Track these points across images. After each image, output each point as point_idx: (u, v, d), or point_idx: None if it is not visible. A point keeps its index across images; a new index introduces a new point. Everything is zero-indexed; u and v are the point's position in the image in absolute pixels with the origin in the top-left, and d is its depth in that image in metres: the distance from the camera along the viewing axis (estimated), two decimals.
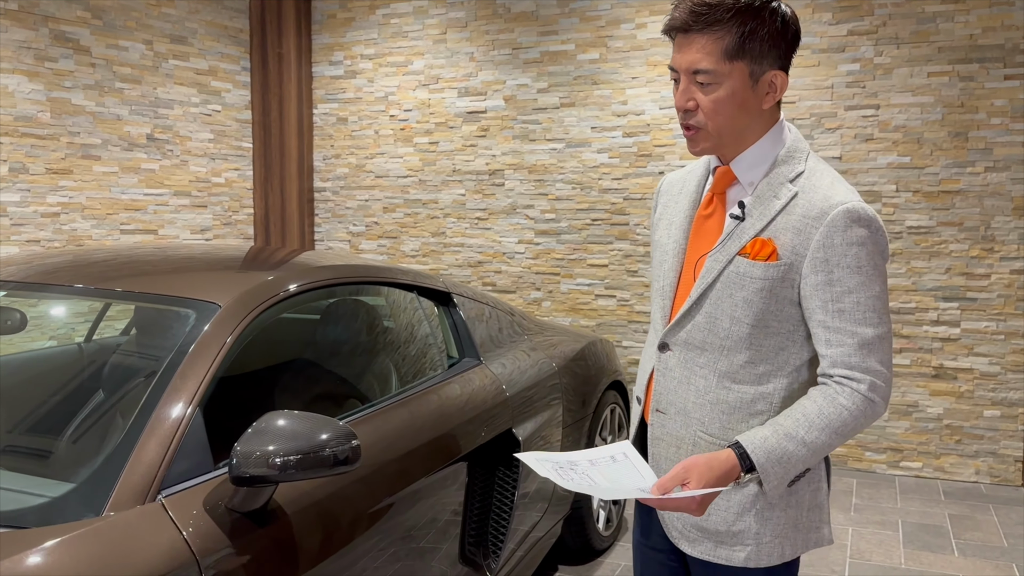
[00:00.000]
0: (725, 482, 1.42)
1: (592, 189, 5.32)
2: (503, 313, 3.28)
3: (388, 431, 2.24)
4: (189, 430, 1.73)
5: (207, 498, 1.66)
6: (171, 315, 2.05)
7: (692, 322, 1.56)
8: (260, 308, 2.06)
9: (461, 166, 5.63)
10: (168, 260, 2.37)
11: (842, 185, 1.49)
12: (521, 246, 5.52)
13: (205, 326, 1.93)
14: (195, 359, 1.84)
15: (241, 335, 1.97)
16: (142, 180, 5.40)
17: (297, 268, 2.35)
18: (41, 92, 4.89)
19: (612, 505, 3.72)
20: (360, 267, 2.60)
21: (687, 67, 1.48)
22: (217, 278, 2.17)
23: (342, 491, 1.96)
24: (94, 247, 2.60)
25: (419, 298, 2.82)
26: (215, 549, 1.58)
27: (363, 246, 5.97)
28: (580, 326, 5.40)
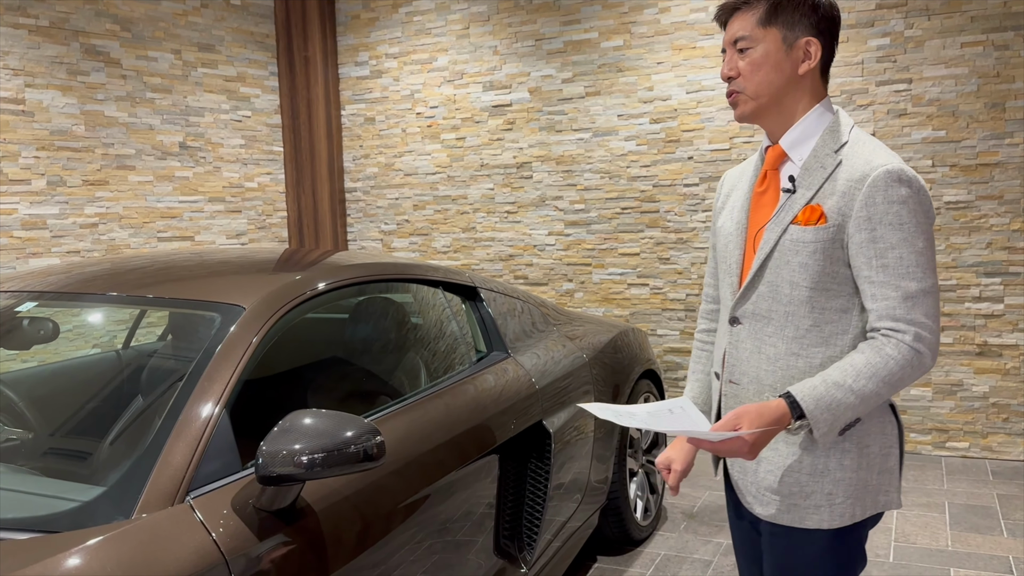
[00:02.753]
0: (775, 428, 1.49)
1: (621, 178, 5.28)
2: (532, 305, 3.27)
3: (417, 426, 2.25)
4: (216, 431, 1.76)
5: (235, 498, 1.68)
6: (198, 319, 2.08)
7: (756, 292, 1.64)
8: (284, 309, 2.08)
9: (489, 160, 5.63)
10: (201, 265, 2.41)
11: (884, 151, 1.57)
12: (551, 238, 5.51)
13: (230, 329, 1.95)
14: (221, 361, 1.87)
15: (266, 336, 1.99)
16: (176, 188, 5.50)
17: (322, 268, 2.37)
18: (75, 106, 5.00)
19: (650, 495, 3.70)
20: (385, 265, 2.62)
21: (729, 39, 1.64)
22: (244, 281, 2.20)
23: (372, 487, 1.98)
24: (131, 255, 2.66)
25: (445, 293, 2.83)
26: (244, 548, 1.60)
27: (395, 244, 6.00)
28: (613, 316, 5.37)
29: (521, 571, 2.60)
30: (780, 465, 1.63)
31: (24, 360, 2.85)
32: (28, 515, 1.56)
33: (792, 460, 1.61)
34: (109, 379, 2.47)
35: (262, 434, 1.70)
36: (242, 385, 2.16)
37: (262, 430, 1.75)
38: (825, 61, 1.64)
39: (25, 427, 2.21)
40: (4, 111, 4.70)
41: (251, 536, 1.64)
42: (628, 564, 3.41)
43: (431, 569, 2.15)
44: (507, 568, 2.56)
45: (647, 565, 3.40)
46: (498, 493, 2.58)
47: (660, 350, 5.27)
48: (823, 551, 1.63)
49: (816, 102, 1.63)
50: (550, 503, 2.75)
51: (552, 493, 2.76)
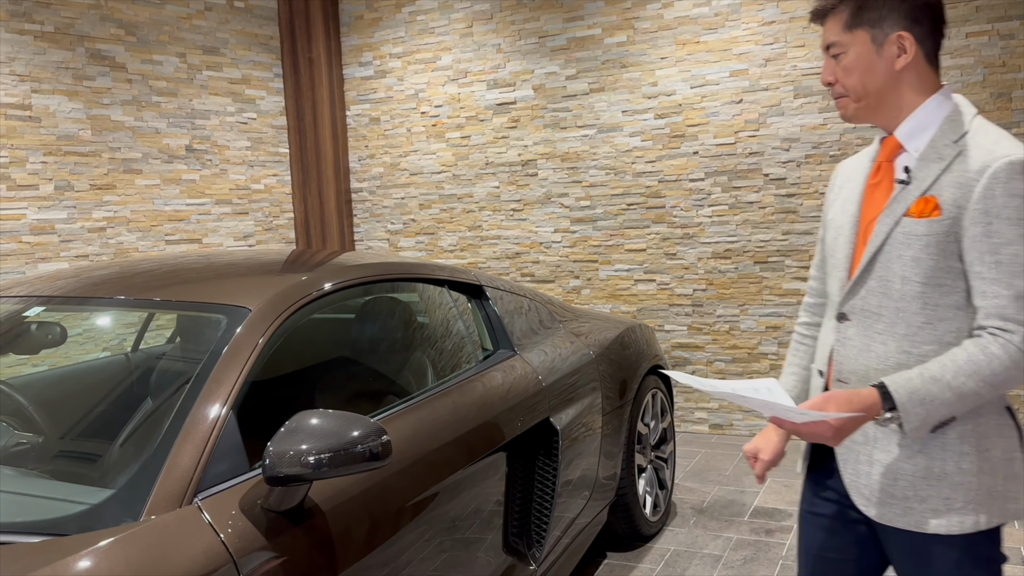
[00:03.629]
0: (863, 417, 1.44)
1: (626, 174, 5.28)
2: (538, 303, 3.28)
3: (425, 424, 2.26)
4: (223, 433, 1.77)
5: (243, 499, 1.69)
6: (205, 321, 2.10)
7: (865, 287, 1.59)
8: (290, 310, 2.09)
9: (494, 158, 5.64)
10: (208, 267, 2.42)
11: (1008, 140, 1.50)
12: (558, 235, 5.51)
13: (236, 330, 1.96)
14: (227, 363, 1.88)
15: (272, 337, 2.00)
16: (184, 191, 5.52)
17: (328, 269, 2.38)
18: (81, 110, 5.02)
19: (659, 490, 3.70)
20: (391, 265, 2.63)
21: (823, 45, 1.63)
22: (250, 283, 2.21)
23: (380, 485, 1.99)
24: (139, 259, 2.67)
25: (451, 292, 2.83)
26: (252, 549, 1.61)
27: (402, 243, 6.01)
28: (620, 312, 5.37)
29: (530, 568, 2.61)
30: (894, 467, 1.56)
31: (34, 364, 2.87)
32: (37, 518, 1.57)
33: (907, 462, 1.55)
34: (117, 382, 2.48)
35: (270, 435, 1.71)
36: (250, 386, 2.17)
37: (270, 431, 1.76)
38: (929, 49, 1.57)
39: (34, 431, 2.22)
40: (11, 117, 4.73)
41: (259, 536, 1.65)
42: (638, 560, 3.42)
43: (440, 567, 2.16)
44: (516, 565, 2.56)
45: (657, 561, 3.40)
46: (506, 491, 2.58)
47: (668, 345, 5.27)
48: (953, 560, 1.55)
49: (928, 93, 1.57)
50: (558, 500, 2.76)
51: (560, 490, 2.77)
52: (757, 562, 3.34)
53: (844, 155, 4.72)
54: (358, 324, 2.76)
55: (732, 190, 5.01)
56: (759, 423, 5.10)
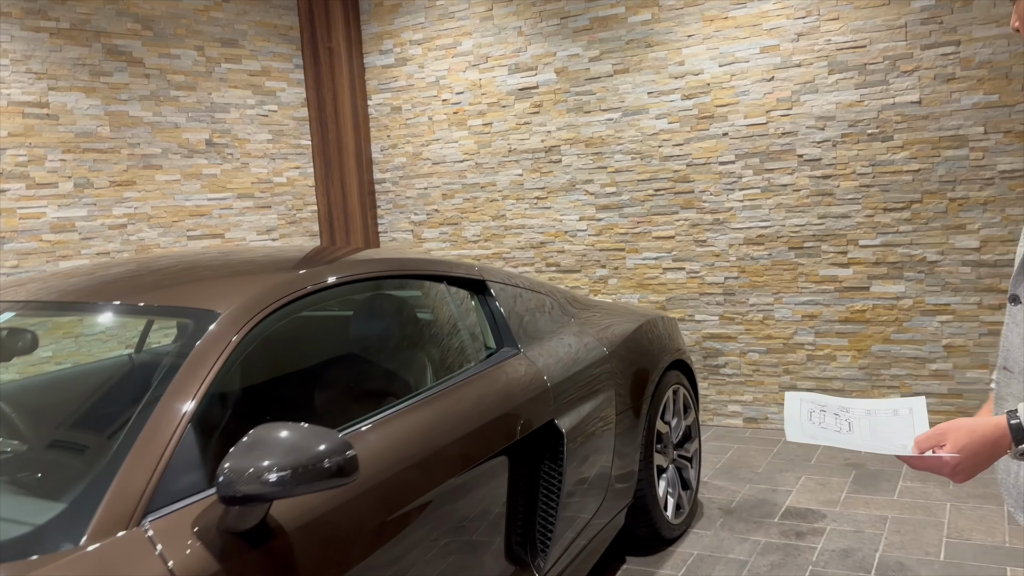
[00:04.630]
0: (989, 451, 1.26)
1: (653, 158, 5.07)
2: (548, 297, 3.12)
3: (413, 430, 2.13)
4: (181, 446, 1.66)
5: (197, 520, 1.58)
6: (174, 327, 1.99)
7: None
8: (263, 314, 1.97)
9: (516, 145, 5.48)
10: (191, 268, 2.31)
11: None
12: (583, 223, 5.34)
13: (202, 336, 1.85)
14: (189, 371, 1.77)
15: (243, 342, 1.89)
16: (204, 185, 5.47)
17: (315, 268, 2.25)
18: (99, 107, 4.99)
19: (682, 491, 3.52)
20: (385, 261, 2.50)
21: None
22: (225, 284, 2.10)
23: (358, 499, 1.87)
24: (121, 260, 2.59)
25: (449, 288, 2.69)
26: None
27: (426, 235, 5.90)
28: (648, 302, 5.18)
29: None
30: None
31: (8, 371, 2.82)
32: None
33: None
34: (93, 390, 2.40)
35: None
36: (225, 393, 2.06)
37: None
38: None
39: (18, 439, 2.15)
40: (29, 115, 4.71)
41: (213, 562, 1.53)
42: (658, 565, 3.26)
43: (440, 574, 2.04)
44: (519, 575, 2.43)
45: (678, 566, 3.24)
46: (508, 496, 2.45)
47: (699, 336, 5.07)
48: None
49: None
50: (564, 506, 2.61)
51: (566, 496, 2.62)
52: (785, 568, 3.15)
53: (882, 133, 4.46)
54: (349, 324, 2.64)
55: (764, 173, 4.78)
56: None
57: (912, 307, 4.52)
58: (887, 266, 4.54)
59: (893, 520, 3.53)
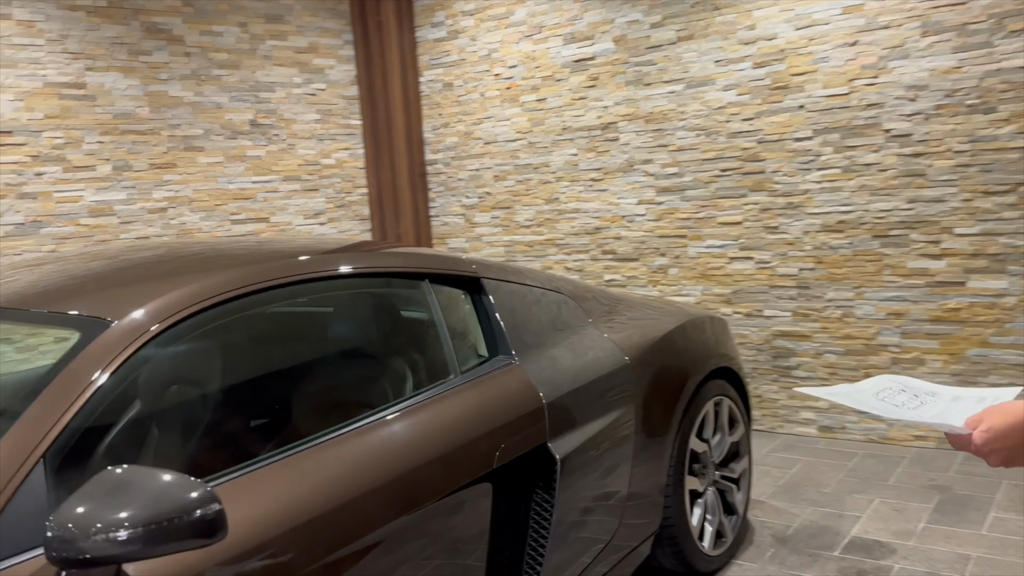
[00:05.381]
0: (1016, 434, 1.21)
1: (719, 134, 4.56)
2: (562, 295, 2.73)
3: (366, 454, 1.81)
4: (23, 490, 1.38)
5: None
6: (63, 338, 1.72)
7: None
8: (162, 326, 1.66)
9: (571, 122, 5.06)
10: (134, 267, 2.02)
11: None
12: (641, 207, 4.88)
13: (81, 350, 1.57)
14: (52, 395, 1.49)
15: (131, 360, 1.59)
16: (249, 168, 5.30)
17: (250, 268, 1.93)
18: (138, 87, 4.86)
19: (724, 517, 3.08)
20: (349, 257, 2.17)
21: None
22: (136, 288, 1.81)
23: (300, 533, 1.56)
24: (71, 253, 2.35)
25: (432, 288, 2.33)
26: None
27: (477, 219, 5.56)
28: (712, 294, 4.69)
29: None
30: None
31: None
32: None
33: None
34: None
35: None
36: (131, 418, 1.78)
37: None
38: None
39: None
40: (65, 96, 4.62)
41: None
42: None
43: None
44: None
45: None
46: (491, 531, 2.10)
47: (768, 334, 4.55)
48: None
49: None
50: (556, 539, 2.24)
51: (559, 528, 2.25)
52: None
53: (984, 104, 3.82)
54: (304, 330, 2.32)
55: (845, 150, 4.20)
56: (875, 427, 4.32)
57: (1016, 306, 3.88)
58: (987, 258, 3.91)
59: (977, 560, 2.99)
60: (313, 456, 1.75)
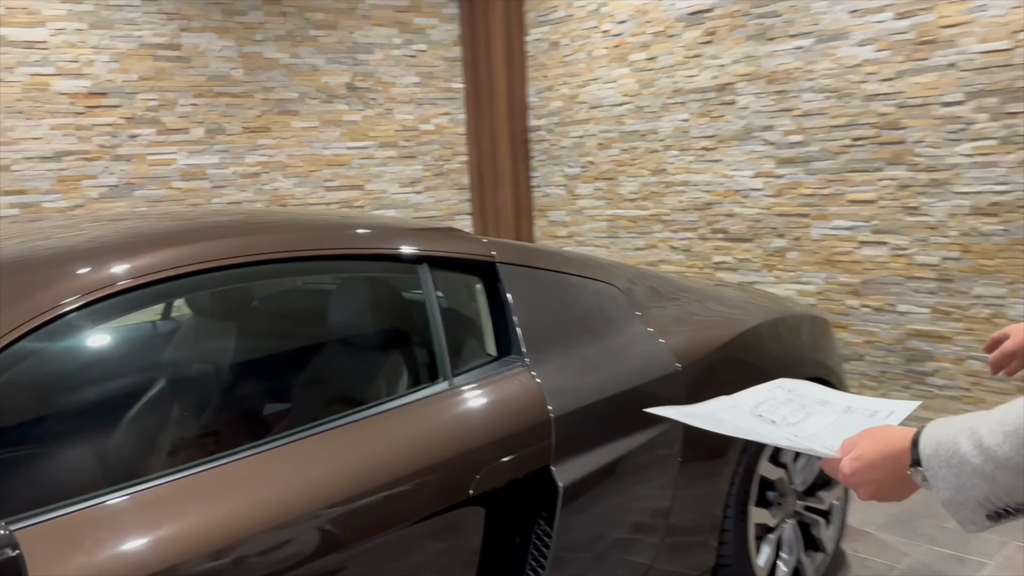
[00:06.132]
0: (892, 465, 1.07)
1: (853, 97, 3.91)
2: (604, 285, 2.30)
3: (302, 472, 1.51)
4: None
5: None
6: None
7: None
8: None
9: (683, 84, 4.52)
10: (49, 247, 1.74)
11: None
12: (758, 180, 4.30)
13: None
14: None
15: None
16: (344, 133, 5.12)
17: (178, 247, 1.64)
18: (232, 48, 4.77)
19: (804, 556, 2.57)
20: (320, 235, 1.85)
21: None
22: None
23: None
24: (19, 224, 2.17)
25: (431, 274, 1.97)
26: None
27: (579, 191, 5.14)
28: (837, 285, 4.07)
29: None
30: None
31: None
32: None
33: None
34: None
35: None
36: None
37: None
38: None
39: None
40: (160, 58, 4.58)
41: None
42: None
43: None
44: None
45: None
46: (479, 567, 1.76)
47: (901, 333, 3.89)
48: None
49: None
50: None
51: (558, 569, 1.86)
52: None
53: None
54: (266, 317, 2.03)
55: (1005, 118, 3.47)
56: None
57: None
58: None
59: None
60: (234, 473, 1.46)
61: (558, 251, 2.31)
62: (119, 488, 1.36)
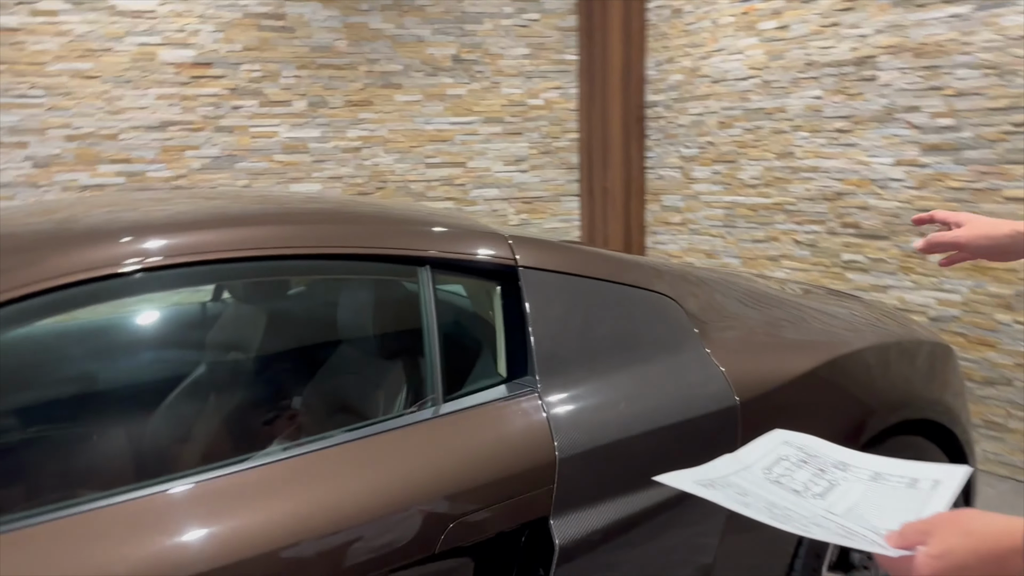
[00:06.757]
0: (985, 570, 0.81)
1: (1017, 75, 3.28)
2: (656, 295, 1.94)
3: (253, 515, 1.29)
4: None
5: None
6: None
7: None
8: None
9: (817, 56, 3.98)
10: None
11: None
12: (899, 170, 3.72)
13: None
14: None
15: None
16: (448, 108, 4.90)
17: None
18: (337, 18, 4.64)
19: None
20: (305, 229, 1.61)
21: None
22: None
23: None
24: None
25: (433, 278, 1.69)
26: None
27: (695, 174, 4.68)
28: (986, 295, 3.45)
29: None
30: None
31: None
32: None
33: None
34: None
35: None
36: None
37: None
38: None
39: None
40: (264, 28, 4.51)
41: None
42: None
43: None
44: None
45: None
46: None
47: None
48: None
49: None
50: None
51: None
52: None
53: None
54: (220, 327, 1.80)
55: None
56: None
57: None
58: None
59: None
60: (160, 506, 1.26)
61: (605, 254, 1.97)
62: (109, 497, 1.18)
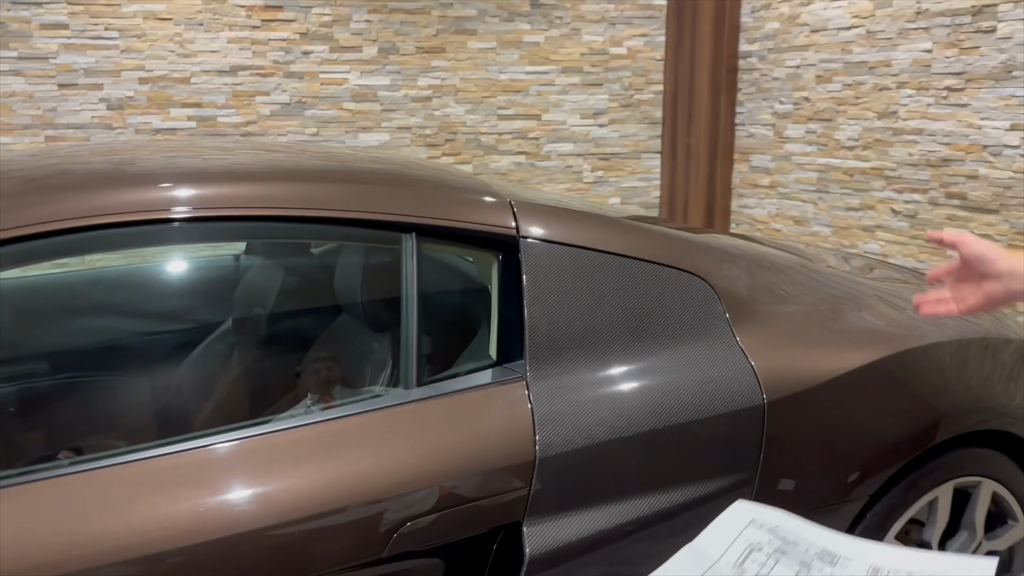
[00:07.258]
0: None
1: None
2: (684, 274, 1.69)
3: (193, 503, 1.18)
4: None
5: None
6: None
7: None
8: None
9: (929, 4, 3.53)
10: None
11: None
12: (1015, 135, 3.27)
13: None
14: None
15: None
16: (524, 56, 4.66)
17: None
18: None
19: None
20: (272, 187, 1.45)
21: None
22: None
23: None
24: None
25: (418, 246, 1.51)
26: None
27: (788, 132, 4.29)
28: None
29: None
30: None
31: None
32: None
33: None
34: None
35: None
36: None
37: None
38: None
39: None
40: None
41: None
42: None
43: None
44: None
45: None
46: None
47: None
48: None
49: None
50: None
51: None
52: None
53: None
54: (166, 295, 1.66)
55: None
56: None
57: None
58: None
59: None
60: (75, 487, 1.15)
61: (627, 224, 1.74)
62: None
